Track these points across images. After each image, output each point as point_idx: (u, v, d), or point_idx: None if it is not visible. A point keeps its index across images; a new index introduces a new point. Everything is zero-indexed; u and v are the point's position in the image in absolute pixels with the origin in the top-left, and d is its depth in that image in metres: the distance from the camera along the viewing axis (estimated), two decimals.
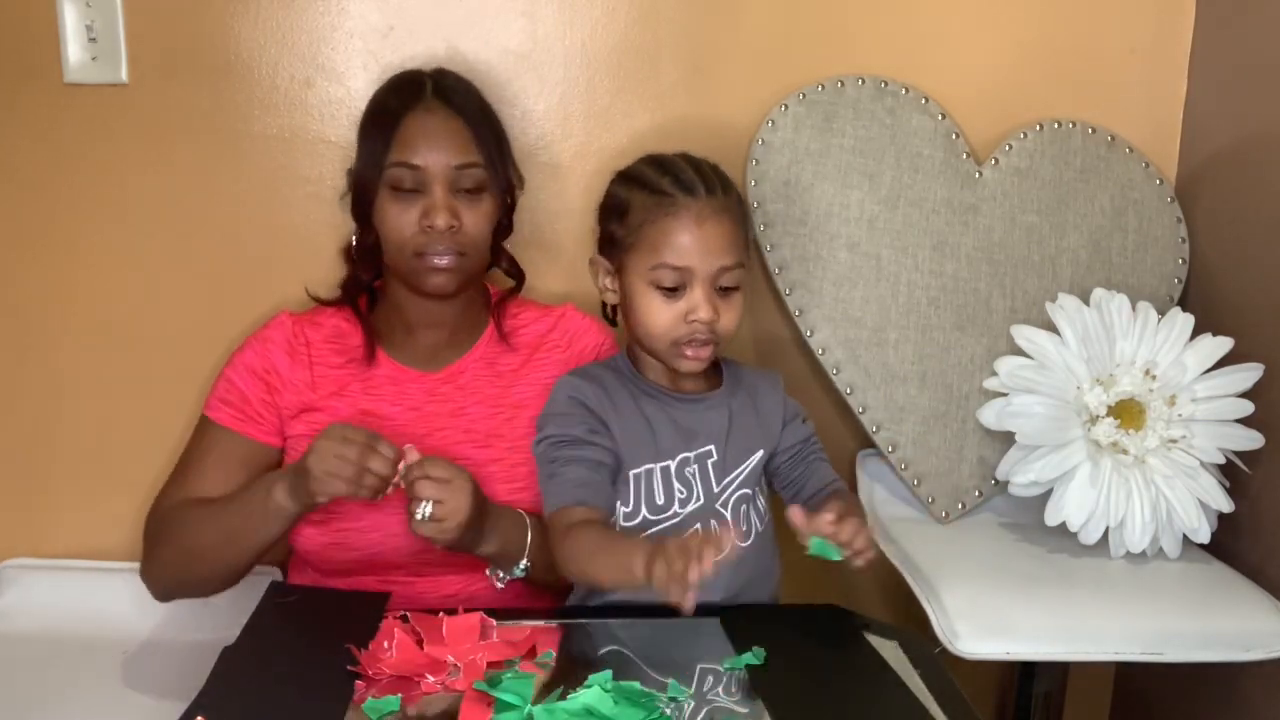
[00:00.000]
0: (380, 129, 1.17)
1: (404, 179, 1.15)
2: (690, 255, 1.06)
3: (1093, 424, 1.24)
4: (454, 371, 1.23)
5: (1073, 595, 1.18)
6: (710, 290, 1.07)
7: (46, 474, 1.44)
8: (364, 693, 0.88)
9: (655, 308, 1.08)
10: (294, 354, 1.22)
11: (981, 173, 1.41)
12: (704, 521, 1.10)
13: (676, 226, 1.06)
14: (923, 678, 0.97)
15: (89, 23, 1.33)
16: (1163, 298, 1.41)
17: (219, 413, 1.20)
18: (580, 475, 1.07)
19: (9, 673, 1.23)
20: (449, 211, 1.14)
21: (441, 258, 1.15)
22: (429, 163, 1.14)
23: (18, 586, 1.38)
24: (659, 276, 1.07)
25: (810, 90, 1.38)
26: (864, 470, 1.44)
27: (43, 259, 1.39)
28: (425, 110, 1.17)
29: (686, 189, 1.08)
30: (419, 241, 1.15)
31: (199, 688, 0.89)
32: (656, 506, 1.10)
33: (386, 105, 1.19)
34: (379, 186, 1.16)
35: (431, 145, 1.15)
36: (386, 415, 1.20)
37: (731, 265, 1.08)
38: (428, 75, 1.22)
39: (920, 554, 1.27)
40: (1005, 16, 1.42)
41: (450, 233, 1.15)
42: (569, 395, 1.11)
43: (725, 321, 1.09)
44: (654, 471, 1.10)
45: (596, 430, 1.09)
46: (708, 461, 1.12)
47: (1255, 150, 1.33)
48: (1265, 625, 1.16)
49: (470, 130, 1.17)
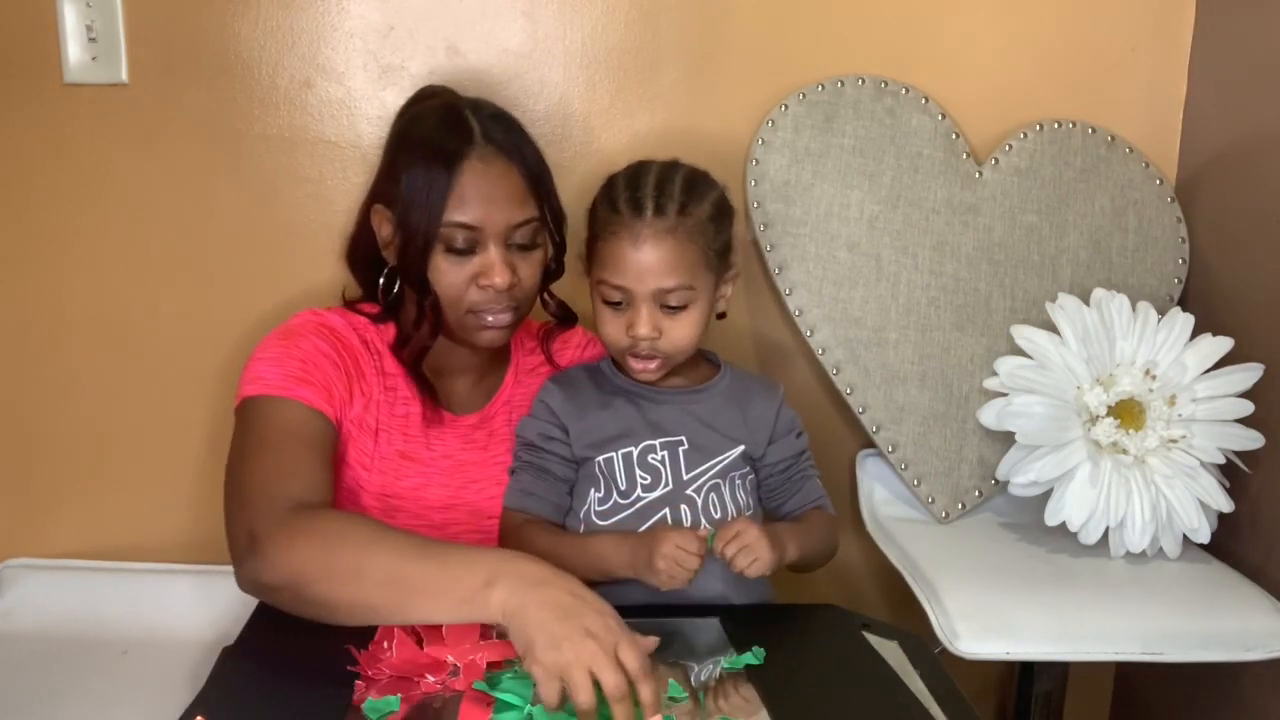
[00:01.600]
0: (430, 181, 1.07)
1: (458, 238, 1.07)
2: (627, 275, 1.07)
3: (1093, 424, 1.24)
4: (485, 416, 1.21)
5: (1073, 595, 1.18)
6: (652, 308, 1.08)
7: (46, 474, 1.44)
8: (364, 693, 0.88)
9: (604, 318, 1.11)
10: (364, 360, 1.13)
11: (981, 173, 1.41)
12: (672, 507, 1.12)
13: (616, 245, 1.07)
14: (923, 678, 0.97)
15: (89, 23, 1.33)
16: (1163, 298, 1.41)
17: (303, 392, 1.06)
18: (526, 482, 1.15)
19: (9, 673, 1.23)
20: (508, 269, 1.09)
21: (499, 314, 1.11)
22: (488, 223, 1.08)
23: (18, 586, 1.38)
24: (604, 291, 1.10)
25: (810, 90, 1.38)
26: (864, 470, 1.44)
27: (42, 259, 1.39)
28: (480, 160, 1.08)
29: (634, 208, 1.07)
30: (475, 299, 1.10)
31: (199, 688, 0.89)
32: (622, 491, 1.13)
33: (434, 150, 1.08)
34: (435, 243, 1.08)
35: (490, 203, 1.07)
36: (424, 461, 1.16)
37: (673, 287, 1.07)
38: (466, 110, 1.12)
39: (920, 554, 1.27)
40: (1005, 16, 1.42)
41: (509, 290, 1.10)
42: (539, 399, 1.17)
43: (672, 338, 1.10)
44: (614, 459, 1.13)
45: (551, 436, 1.14)
46: (678, 449, 1.14)
47: (1255, 150, 1.33)
48: (1265, 625, 1.16)
49: (526, 181, 1.11)
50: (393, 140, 1.15)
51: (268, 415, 1.06)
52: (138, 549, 1.43)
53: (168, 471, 1.44)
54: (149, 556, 1.42)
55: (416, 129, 1.12)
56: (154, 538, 1.44)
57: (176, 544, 1.44)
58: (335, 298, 1.26)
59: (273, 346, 1.10)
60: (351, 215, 1.35)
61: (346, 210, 1.37)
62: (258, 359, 1.09)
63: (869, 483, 1.42)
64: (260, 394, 1.06)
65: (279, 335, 1.12)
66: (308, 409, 1.06)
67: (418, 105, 1.18)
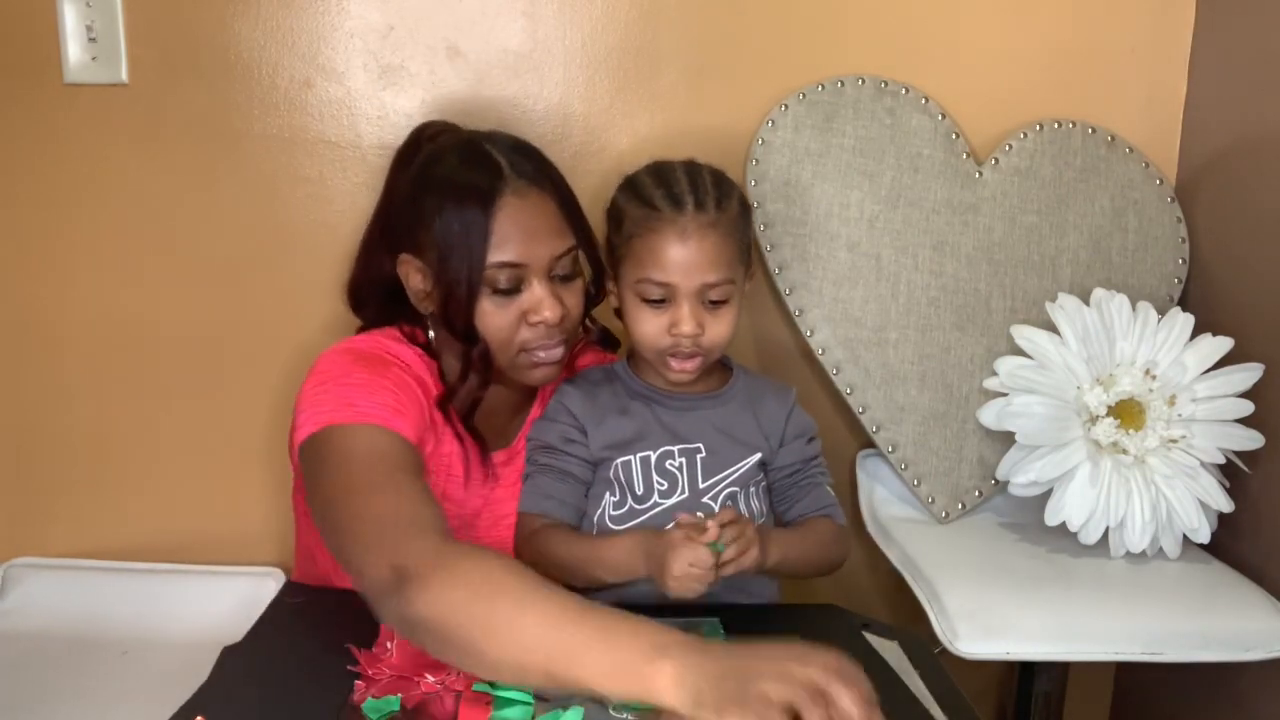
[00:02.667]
0: (467, 226, 1.02)
1: (501, 279, 1.04)
2: (673, 271, 1.06)
3: (1093, 424, 1.24)
4: (513, 451, 1.18)
5: (1073, 595, 1.18)
6: (695, 304, 1.07)
7: (46, 474, 1.44)
8: (364, 693, 0.88)
9: (642, 318, 1.09)
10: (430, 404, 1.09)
11: (981, 173, 1.41)
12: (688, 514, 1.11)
13: (659, 242, 1.06)
14: (923, 678, 0.97)
15: (89, 23, 1.33)
16: (1163, 298, 1.41)
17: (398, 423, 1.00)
18: (546, 485, 1.13)
19: (9, 673, 1.23)
20: (557, 301, 1.06)
21: (552, 350, 1.08)
22: (531, 258, 1.04)
23: (19, 586, 1.38)
24: (644, 290, 1.08)
25: (810, 90, 1.38)
26: (864, 470, 1.44)
27: (42, 259, 1.39)
28: (515, 195, 1.04)
29: (674, 203, 1.06)
30: (526, 338, 1.07)
31: (199, 688, 0.89)
32: (638, 496, 1.12)
33: (465, 190, 1.03)
34: (480, 288, 1.04)
35: (531, 238, 1.04)
36: (459, 501, 1.13)
37: (717, 281, 1.07)
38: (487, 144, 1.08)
39: (920, 554, 1.27)
40: (1005, 16, 1.42)
41: (560, 324, 1.07)
42: (557, 401, 1.15)
43: (712, 334, 1.08)
44: (632, 462, 1.12)
45: (572, 439, 1.13)
46: (696, 456, 1.13)
47: (1255, 150, 1.33)
48: (1265, 625, 1.16)
49: (561, 209, 1.08)
50: (407, 183, 1.10)
51: (373, 444, 0.98)
52: (138, 549, 1.43)
53: (168, 471, 1.44)
54: (149, 556, 1.42)
55: (438, 170, 1.07)
56: (154, 538, 1.44)
57: (177, 544, 1.43)
58: (335, 298, 1.26)
59: (355, 372, 1.03)
60: (351, 215, 1.35)
61: (346, 210, 1.37)
62: (340, 384, 1.02)
63: (869, 483, 1.42)
64: (355, 422, 0.99)
65: (355, 360, 1.05)
66: (408, 443, 1.00)
67: (430, 144, 1.13)
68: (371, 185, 1.18)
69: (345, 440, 0.98)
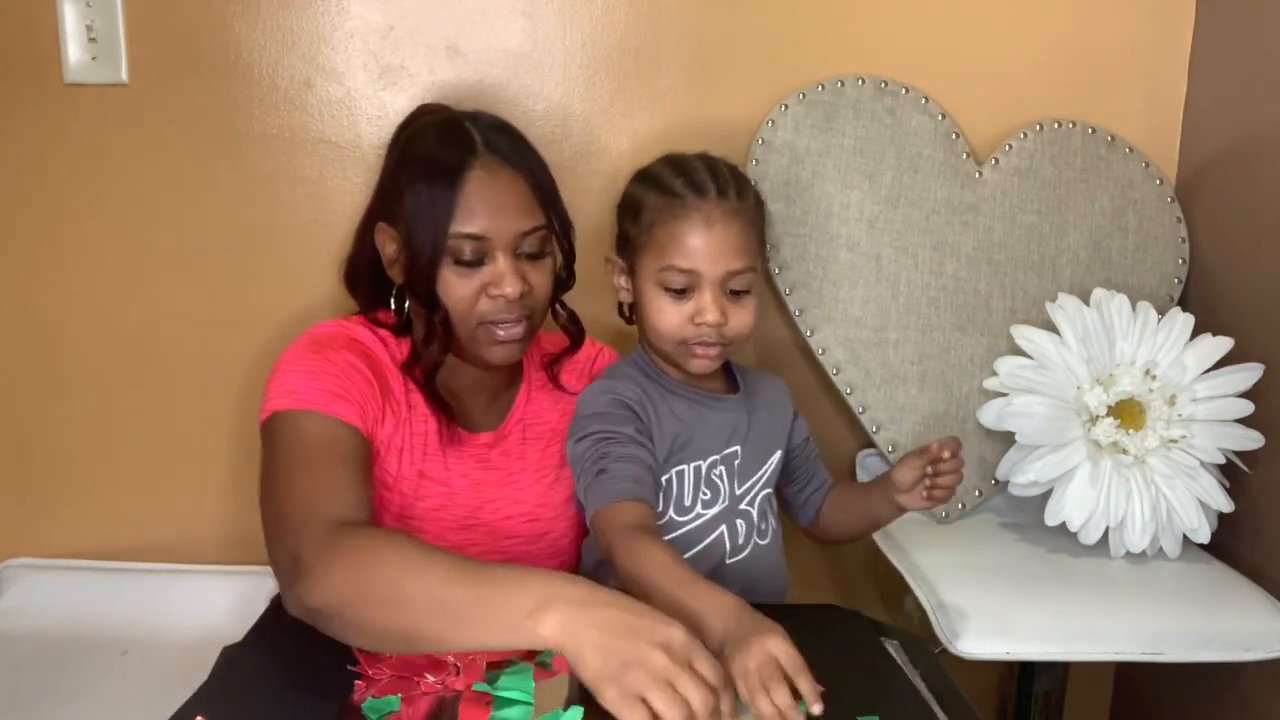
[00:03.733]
0: (434, 195, 1.05)
1: (465, 250, 1.06)
2: (698, 258, 1.05)
3: (1093, 424, 1.24)
4: (499, 436, 1.18)
5: (1073, 595, 1.18)
6: (719, 293, 1.06)
7: (46, 474, 1.44)
8: (364, 693, 0.88)
9: (664, 308, 1.08)
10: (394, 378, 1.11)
11: (981, 173, 1.41)
12: (729, 524, 1.12)
13: (685, 228, 1.05)
14: (923, 678, 0.97)
15: (89, 23, 1.33)
16: (1163, 298, 1.41)
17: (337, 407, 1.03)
18: (635, 473, 1.04)
19: (9, 673, 1.23)
20: (518, 277, 1.07)
21: (511, 327, 1.09)
22: (495, 232, 1.06)
23: (18, 586, 1.38)
24: (667, 278, 1.06)
25: (810, 90, 1.38)
26: (864, 470, 1.44)
27: (42, 259, 1.39)
28: (484, 170, 1.06)
29: (697, 190, 1.06)
30: (485, 310, 1.08)
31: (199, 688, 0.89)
32: (683, 508, 1.10)
33: (436, 163, 1.07)
34: (442, 257, 1.06)
35: (497, 212, 1.06)
36: (441, 480, 1.13)
37: (740, 269, 1.07)
38: (466, 122, 1.11)
39: (920, 554, 1.27)
40: (1005, 16, 1.42)
41: (521, 300, 1.08)
42: (611, 397, 1.09)
43: (735, 324, 1.08)
44: (685, 473, 1.10)
45: (644, 432, 1.08)
46: (734, 463, 1.13)
47: (1255, 150, 1.33)
48: (1265, 625, 1.16)
49: (532, 189, 1.09)
50: (393, 158, 1.13)
51: (305, 431, 1.01)
52: (138, 549, 1.43)
53: (168, 471, 1.44)
54: (149, 556, 1.42)
55: (417, 145, 1.11)
56: (154, 538, 1.44)
57: (176, 544, 1.43)
58: (334, 297, 1.26)
59: (305, 359, 1.06)
60: (351, 215, 1.35)
61: (346, 210, 1.37)
62: (288, 371, 1.05)
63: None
64: (294, 408, 1.02)
65: (308, 346, 1.08)
66: (345, 425, 1.03)
67: (416, 122, 1.15)
68: (371, 185, 1.18)
69: (284, 427, 1.02)
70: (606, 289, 1.17)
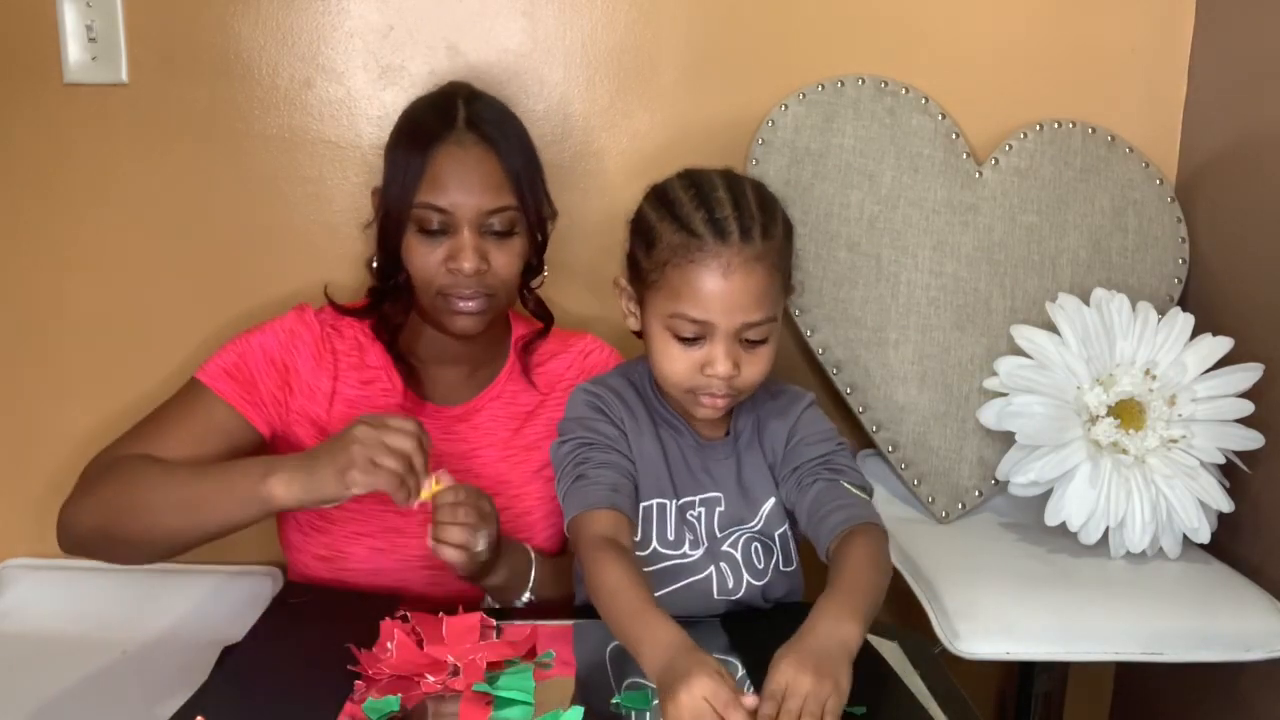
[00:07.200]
0: (407, 162, 1.10)
1: (431, 220, 1.09)
2: (713, 309, 0.96)
3: (1093, 424, 1.24)
4: (470, 409, 1.20)
5: (1073, 595, 1.18)
6: (732, 343, 0.97)
7: (46, 474, 1.43)
8: (364, 693, 0.88)
9: (672, 354, 0.99)
10: (320, 361, 1.16)
11: (981, 173, 1.41)
12: (714, 564, 1.06)
13: (701, 276, 0.95)
14: (923, 678, 0.97)
15: (89, 23, 1.33)
16: (1163, 298, 1.41)
17: (221, 384, 1.12)
18: (613, 480, 1.00)
19: (9, 673, 1.23)
20: (477, 254, 1.09)
21: (468, 301, 1.11)
22: (458, 206, 1.08)
23: (18, 586, 1.38)
24: (677, 325, 0.97)
25: (810, 90, 1.38)
26: (864, 470, 1.43)
27: (42, 258, 1.39)
28: (456, 144, 1.09)
29: (718, 233, 0.95)
30: (444, 282, 1.10)
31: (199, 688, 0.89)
32: (668, 541, 1.06)
33: (416, 131, 1.12)
34: (407, 223, 1.10)
35: (461, 187, 1.08)
36: None
37: (759, 321, 0.97)
38: (460, 99, 1.14)
39: (920, 554, 1.27)
40: (1005, 16, 1.42)
41: (478, 276, 1.09)
42: (594, 405, 1.06)
43: (748, 375, 0.99)
44: (667, 507, 1.06)
45: (621, 441, 1.04)
46: (715, 509, 1.07)
47: (1255, 150, 1.33)
48: (1265, 625, 1.16)
49: (504, 168, 1.10)
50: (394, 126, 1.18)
51: (184, 396, 1.14)
52: None
53: None
54: None
55: (409, 111, 1.17)
56: None
57: None
58: (335, 297, 1.26)
59: (237, 338, 1.16)
60: (351, 215, 1.36)
61: (346, 210, 1.37)
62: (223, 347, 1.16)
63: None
64: (195, 377, 1.14)
65: (249, 329, 1.17)
66: (216, 400, 1.12)
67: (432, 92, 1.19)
68: (371, 185, 1.19)
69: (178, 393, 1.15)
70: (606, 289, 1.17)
